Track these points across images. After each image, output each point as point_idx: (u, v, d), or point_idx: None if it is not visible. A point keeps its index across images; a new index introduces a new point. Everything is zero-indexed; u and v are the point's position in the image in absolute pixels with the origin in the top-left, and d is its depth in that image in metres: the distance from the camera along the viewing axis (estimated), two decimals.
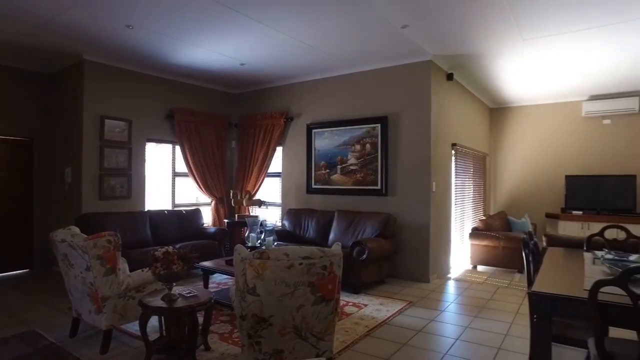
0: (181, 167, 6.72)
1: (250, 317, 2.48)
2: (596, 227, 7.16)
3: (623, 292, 1.95)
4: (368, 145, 5.89)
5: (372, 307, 4.32)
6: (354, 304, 4.42)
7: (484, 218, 6.85)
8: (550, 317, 2.27)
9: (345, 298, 4.62)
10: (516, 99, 7.93)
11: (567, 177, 7.55)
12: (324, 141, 6.34)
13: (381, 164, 5.75)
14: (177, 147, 6.64)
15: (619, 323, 2.21)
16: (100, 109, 5.57)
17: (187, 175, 6.72)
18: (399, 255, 5.56)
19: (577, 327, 2.55)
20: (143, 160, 6.12)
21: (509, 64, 5.73)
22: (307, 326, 2.47)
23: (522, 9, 3.99)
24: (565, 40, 4.74)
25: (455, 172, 6.39)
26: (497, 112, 8.48)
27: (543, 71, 6.02)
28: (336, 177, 6.21)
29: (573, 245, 4.75)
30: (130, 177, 5.90)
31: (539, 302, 2.26)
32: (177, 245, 5.26)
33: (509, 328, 3.74)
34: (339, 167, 6.18)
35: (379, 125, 5.79)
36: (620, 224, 3.71)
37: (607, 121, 7.49)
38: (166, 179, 6.67)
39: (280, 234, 5.99)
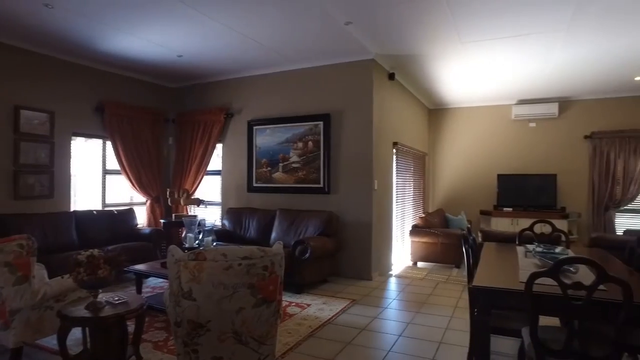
0: (113, 164, 6.25)
1: (186, 324, 2.30)
2: (524, 222, 7.64)
3: (554, 283, 2.02)
4: (310, 143, 5.83)
5: (316, 307, 4.25)
6: (297, 304, 4.33)
7: (423, 215, 7.05)
8: (490, 310, 2.32)
9: (287, 298, 4.51)
10: (453, 101, 8.25)
11: (499, 176, 7.99)
12: (266, 138, 6.19)
13: (323, 162, 5.71)
14: (109, 143, 6.16)
15: (550, 312, 2.30)
16: (14, 98, 5.01)
17: (120, 173, 6.26)
18: (342, 254, 5.55)
19: (512, 318, 2.63)
20: (68, 156, 5.60)
21: (448, 66, 5.93)
22: (247, 330, 2.34)
23: (461, 12, 4.11)
24: (498, 45, 4.97)
25: (397, 170, 6.51)
26: (436, 113, 8.78)
27: (478, 75, 6.30)
28: (278, 175, 6.09)
29: (506, 239, 4.99)
30: (52, 174, 5.38)
31: (479, 296, 2.30)
32: (107, 248, 4.88)
33: (449, 322, 3.83)
34: (280, 165, 6.06)
35: (321, 122, 5.74)
36: (547, 219, 3.94)
37: (532, 124, 8.01)
38: (96, 177, 6.17)
39: (220, 234, 5.76)
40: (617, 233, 7.23)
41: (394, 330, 3.64)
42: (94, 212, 5.59)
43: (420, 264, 6.77)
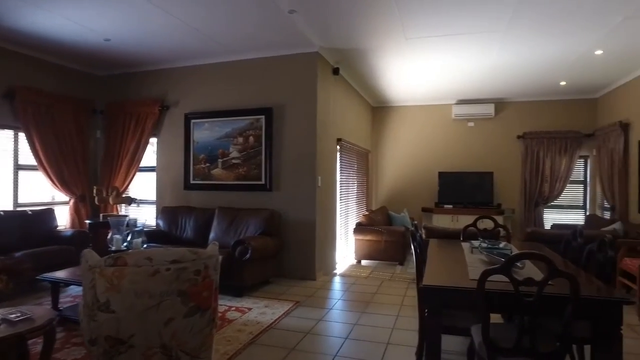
0: (28, 158, 5.57)
1: (104, 341, 1.98)
2: (463, 219, 7.88)
3: (504, 279, 1.95)
4: (252, 138, 5.55)
5: (257, 311, 4.00)
6: (237, 309, 4.05)
7: (367, 213, 7.01)
8: (441, 310, 2.21)
9: (227, 302, 4.22)
10: (396, 99, 8.32)
11: (440, 174, 8.16)
12: (204, 133, 5.82)
13: (265, 158, 5.45)
14: (23, 135, 5.48)
15: (501, 309, 2.25)
16: None
17: (37, 169, 5.59)
18: (285, 253, 5.33)
19: (460, 316, 2.56)
20: None
21: (392, 63, 5.90)
22: (178, 344, 2.06)
23: (407, 7, 4.05)
24: (441, 43, 5.00)
25: (340, 167, 6.40)
26: (379, 111, 8.82)
27: (421, 73, 6.35)
28: (217, 171, 5.74)
29: (449, 236, 5.04)
30: None
31: (430, 295, 2.18)
32: (18, 254, 4.30)
33: (395, 321, 3.75)
34: (220, 160, 5.72)
35: (263, 116, 5.48)
36: (488, 216, 3.99)
37: (471, 124, 8.27)
38: (6, 173, 5.46)
39: (154, 235, 5.32)
40: (546, 227, 7.65)
41: (340, 332, 3.49)
42: (1, 212, 4.92)
43: (364, 262, 6.72)
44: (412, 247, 2.80)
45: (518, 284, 1.91)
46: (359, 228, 6.67)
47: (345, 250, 6.88)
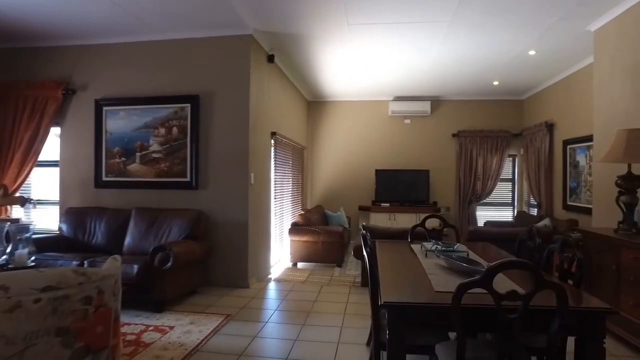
0: None
1: None
2: (401, 217, 7.78)
3: (479, 292, 1.63)
4: (175, 129, 4.89)
5: (181, 330, 3.41)
6: (156, 328, 3.43)
7: (303, 212, 6.61)
8: (405, 330, 1.84)
9: (144, 321, 3.57)
10: (333, 94, 8.00)
11: (377, 172, 7.98)
12: (119, 122, 5.04)
13: (191, 152, 4.82)
14: None
15: (479, 327, 1.93)
16: None
17: None
18: (213, 259, 4.75)
19: (420, 334, 2.23)
20: None
21: (331, 52, 5.53)
22: None
23: None
24: (385, 31, 4.71)
25: (275, 163, 5.92)
26: (315, 105, 8.45)
27: (361, 65, 6.05)
28: (135, 167, 4.99)
29: (391, 236, 4.78)
30: None
31: (394, 315, 1.80)
32: None
33: (340, 333, 3.36)
34: (138, 154, 4.98)
35: (189, 105, 4.85)
36: (439, 215, 3.76)
37: (407, 121, 8.20)
38: None
39: (54, 243, 4.48)
40: (479, 224, 7.78)
41: (279, 352, 3.02)
42: None
43: (300, 265, 6.30)
44: (364, 252, 2.42)
45: (500, 298, 1.59)
46: (295, 228, 6.25)
47: (281, 253, 6.42)
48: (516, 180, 8.10)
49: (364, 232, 2.56)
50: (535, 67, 5.95)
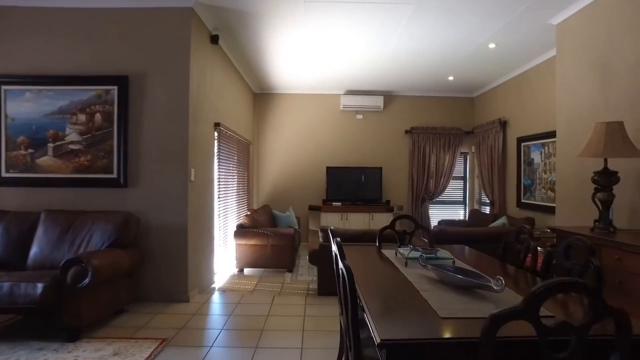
0: None
1: None
2: (353, 217, 7.40)
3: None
4: (99, 116, 4.10)
5: None
6: None
7: (249, 213, 6.01)
8: None
9: (49, 357, 2.80)
10: (282, 85, 7.44)
11: (328, 169, 7.55)
12: (25, 105, 4.14)
13: (119, 144, 4.07)
14: None
15: None
16: None
17: None
18: (146, 270, 4.02)
19: None
20: None
21: (283, 34, 4.98)
22: None
23: None
24: (345, 11, 4.24)
25: (219, 158, 5.27)
26: (262, 98, 7.84)
27: (314, 52, 5.56)
28: (46, 160, 4.13)
29: (351, 239, 4.34)
30: None
31: (399, 357, 1.32)
32: None
33: (301, 357, 2.84)
34: (51, 145, 4.13)
35: (115, 88, 4.08)
36: (409, 215, 3.36)
37: (359, 116, 7.84)
38: None
39: None
40: (432, 223, 7.61)
41: None
42: None
43: (247, 271, 5.71)
44: (340, 267, 1.90)
45: (547, 333, 1.16)
46: (241, 231, 5.64)
47: (225, 258, 5.78)
48: (467, 179, 8.03)
49: (338, 240, 2.06)
50: (492, 62, 5.80)
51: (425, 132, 7.68)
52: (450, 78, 6.74)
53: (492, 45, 5.17)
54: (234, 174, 6.21)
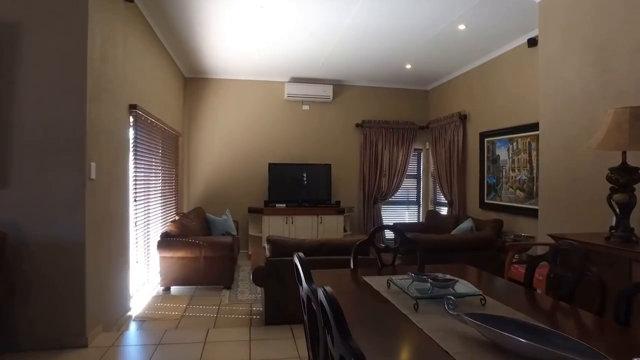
0: None
1: None
2: (300, 220, 6.51)
3: None
4: None
5: None
6: None
7: (177, 219, 4.93)
8: None
9: None
10: (218, 69, 6.37)
11: (270, 166, 6.61)
12: None
13: None
14: None
15: None
16: None
17: None
18: (19, 305, 2.84)
19: None
20: None
21: (219, 8, 3.98)
22: None
23: None
24: None
25: (136, 151, 4.14)
26: (194, 83, 6.71)
27: (257, 28, 4.60)
28: None
29: (306, 251, 3.48)
30: None
31: None
32: None
33: None
34: None
35: None
36: (394, 227, 2.56)
37: (306, 107, 7.00)
38: None
39: None
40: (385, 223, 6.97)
41: None
42: None
43: (175, 290, 4.67)
44: (304, 304, 1.04)
45: None
46: (166, 241, 4.59)
47: (147, 275, 4.66)
48: (422, 177, 7.49)
49: (301, 255, 1.19)
50: (458, 46, 5.20)
51: (378, 126, 7.01)
52: (408, 66, 6.10)
53: (462, 27, 4.56)
54: (158, 171, 5.08)
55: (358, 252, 2.29)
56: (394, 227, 2.47)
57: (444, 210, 6.75)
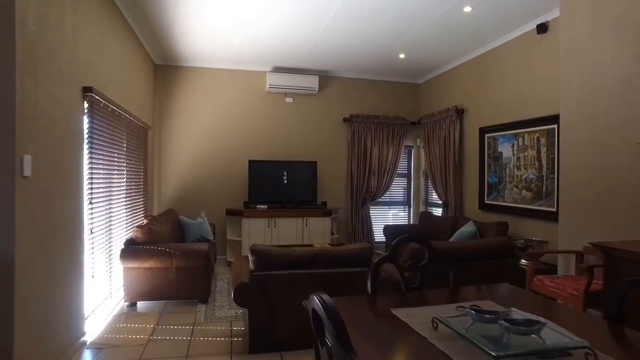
0: None
1: None
2: (283, 223, 5.90)
3: None
4: None
5: None
6: None
7: (144, 222, 4.29)
8: None
9: None
10: (192, 56, 5.72)
11: (251, 163, 6.01)
12: None
13: None
14: None
15: None
16: None
17: None
18: None
19: None
20: None
21: None
22: None
23: None
24: None
25: (92, 143, 3.46)
26: (166, 71, 6.02)
27: (232, 15, 4.00)
28: None
29: (296, 264, 2.92)
30: None
31: None
32: None
33: None
34: None
35: None
36: (419, 238, 2.03)
37: (289, 99, 6.42)
38: None
39: None
40: (375, 228, 6.48)
41: None
42: None
43: (142, 306, 4.04)
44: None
45: None
46: (132, 250, 3.95)
47: (109, 288, 4.00)
48: (412, 176, 7.03)
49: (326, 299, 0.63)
50: (460, 32, 4.73)
51: (367, 121, 6.51)
52: (402, 56, 5.61)
53: (467, 9, 4.09)
54: (122, 168, 4.40)
55: (376, 272, 1.75)
56: (420, 238, 1.93)
57: (436, 211, 6.31)
